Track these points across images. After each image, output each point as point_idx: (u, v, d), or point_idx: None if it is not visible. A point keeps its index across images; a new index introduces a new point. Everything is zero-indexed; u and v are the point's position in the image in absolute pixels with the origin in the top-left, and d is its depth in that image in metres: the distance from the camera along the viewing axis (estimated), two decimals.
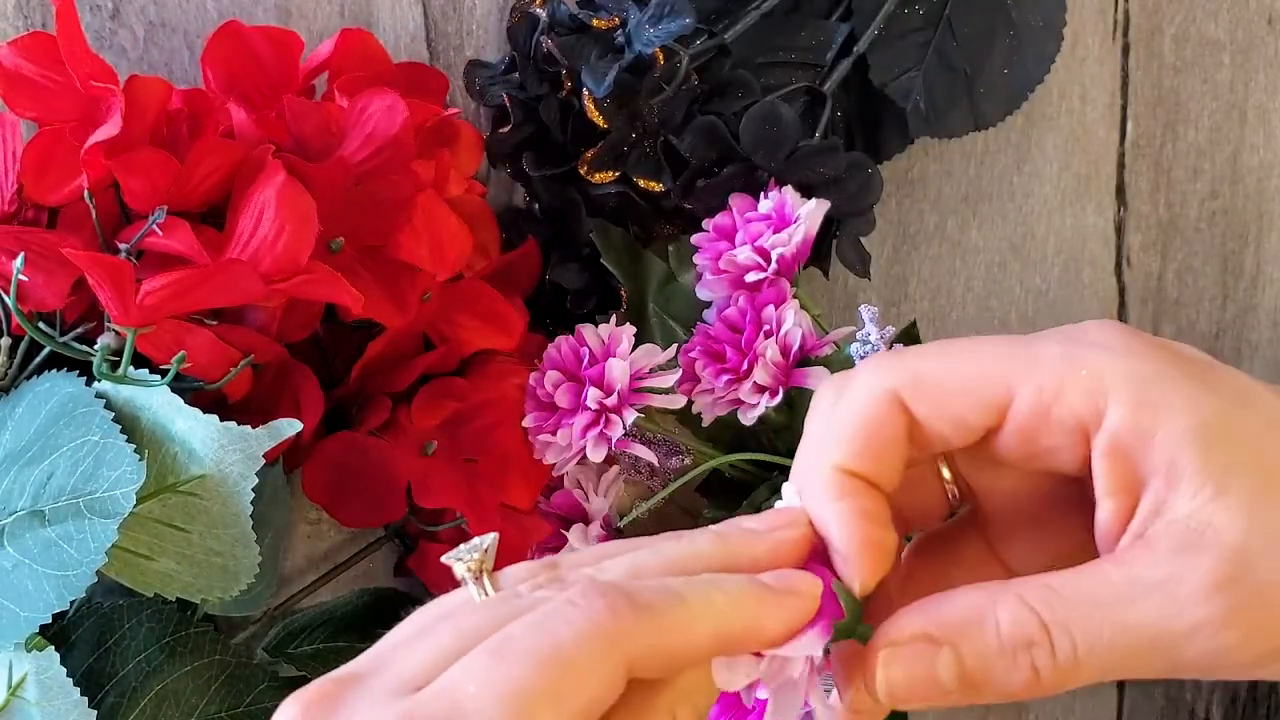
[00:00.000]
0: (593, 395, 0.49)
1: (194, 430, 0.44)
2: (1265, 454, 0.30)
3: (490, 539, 0.31)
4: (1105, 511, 0.31)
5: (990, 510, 0.36)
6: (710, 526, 0.32)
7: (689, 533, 0.32)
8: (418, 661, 0.28)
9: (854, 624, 0.32)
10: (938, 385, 0.32)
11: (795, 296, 0.50)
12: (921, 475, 0.35)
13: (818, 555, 0.32)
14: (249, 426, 0.44)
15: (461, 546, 0.31)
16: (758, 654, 0.30)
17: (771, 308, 0.49)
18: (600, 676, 0.27)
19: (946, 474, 0.35)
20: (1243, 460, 0.30)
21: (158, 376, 0.43)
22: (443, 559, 0.31)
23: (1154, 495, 0.30)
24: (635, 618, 0.28)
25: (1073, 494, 0.34)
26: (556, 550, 0.53)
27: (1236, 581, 0.29)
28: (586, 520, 0.54)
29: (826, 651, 0.32)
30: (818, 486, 0.32)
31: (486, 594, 0.30)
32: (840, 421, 0.32)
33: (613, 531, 0.54)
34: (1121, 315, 0.69)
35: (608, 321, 0.52)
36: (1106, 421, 0.30)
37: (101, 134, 0.42)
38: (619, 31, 0.50)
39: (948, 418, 0.32)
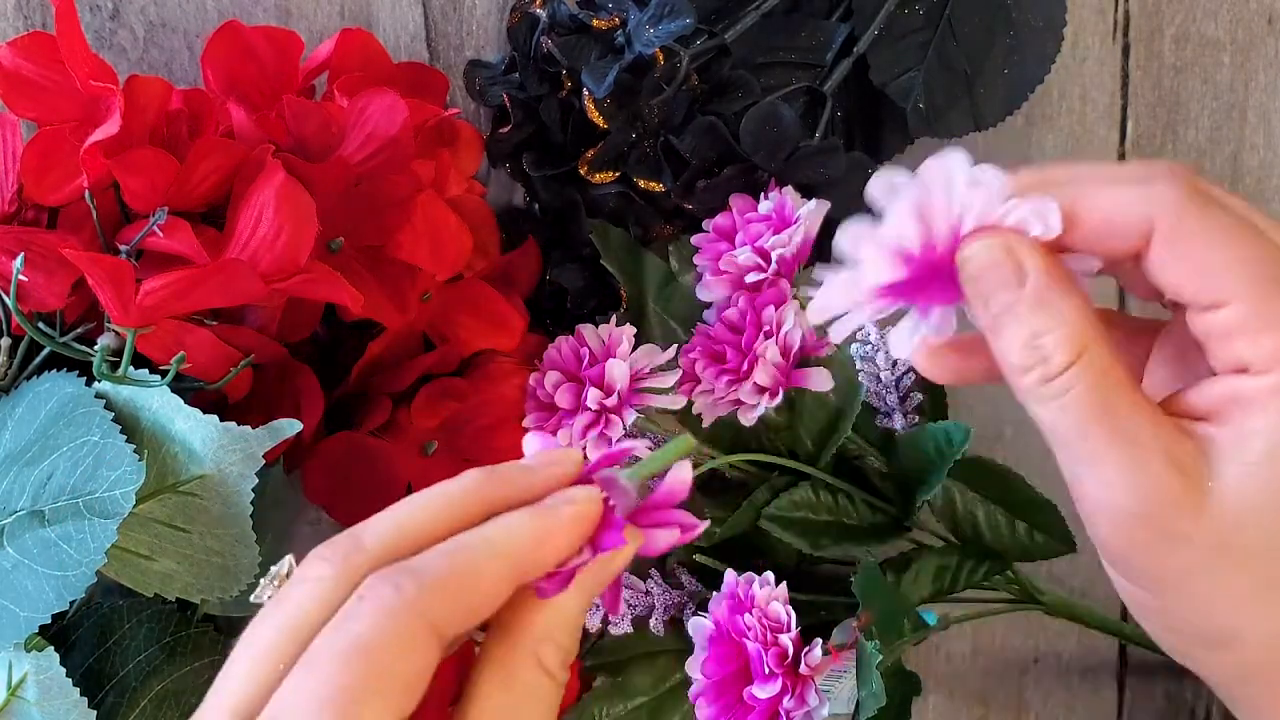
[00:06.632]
0: (593, 396, 0.49)
1: (194, 430, 0.44)
2: None
3: (284, 563, 0.32)
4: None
5: None
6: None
7: (458, 476, 0.33)
8: (246, 687, 0.29)
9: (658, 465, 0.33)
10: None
11: (795, 297, 0.50)
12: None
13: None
14: (249, 426, 0.44)
15: (262, 581, 0.32)
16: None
17: (772, 308, 0.49)
18: (408, 653, 0.28)
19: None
20: None
21: (158, 376, 0.43)
22: (252, 599, 0.32)
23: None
24: (420, 588, 0.29)
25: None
26: None
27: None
28: None
29: (829, 651, 0.32)
30: None
31: None
32: None
33: None
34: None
35: (608, 321, 0.52)
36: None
37: (101, 134, 0.42)
38: (619, 31, 0.50)
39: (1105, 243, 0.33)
